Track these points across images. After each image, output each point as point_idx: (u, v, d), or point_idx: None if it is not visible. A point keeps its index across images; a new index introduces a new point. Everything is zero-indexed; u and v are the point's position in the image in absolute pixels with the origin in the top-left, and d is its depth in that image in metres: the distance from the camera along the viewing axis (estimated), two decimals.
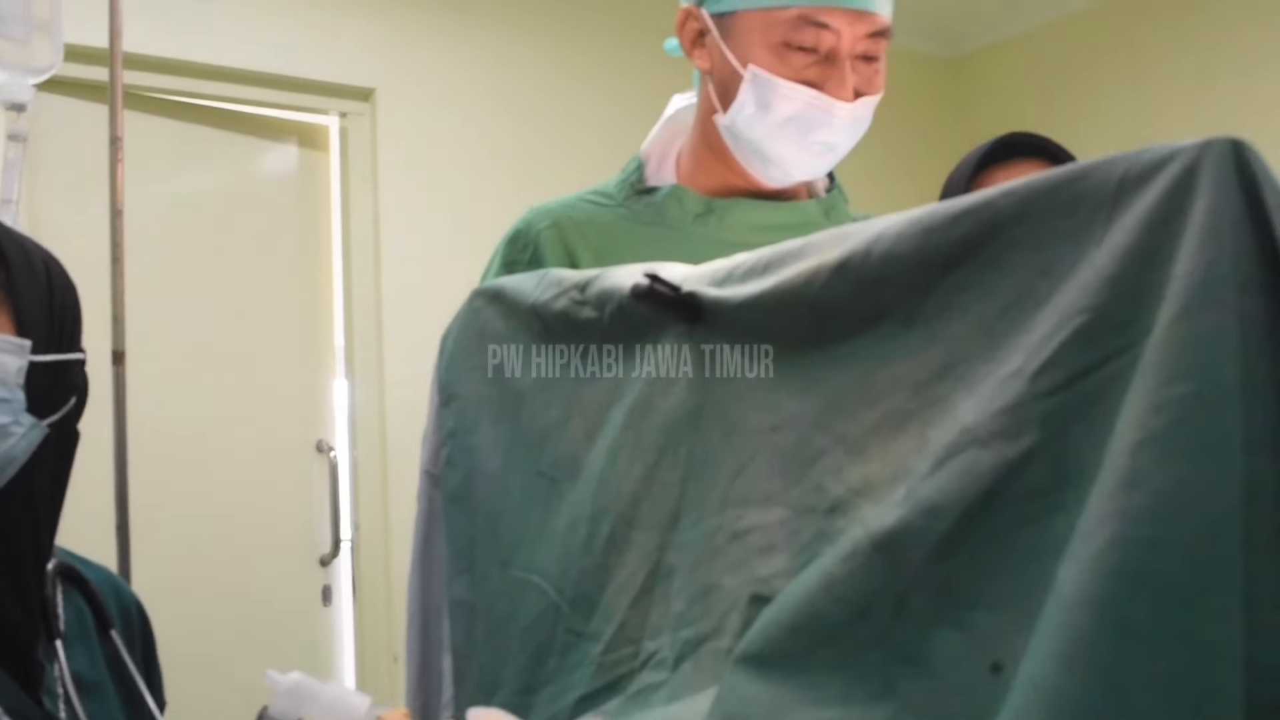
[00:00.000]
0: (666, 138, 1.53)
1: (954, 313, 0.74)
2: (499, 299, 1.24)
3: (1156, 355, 0.59)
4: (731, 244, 1.39)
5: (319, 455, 3.65)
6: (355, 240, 3.71)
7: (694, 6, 1.40)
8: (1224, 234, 0.59)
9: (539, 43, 4.01)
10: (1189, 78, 4.23)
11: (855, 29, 1.32)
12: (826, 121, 1.34)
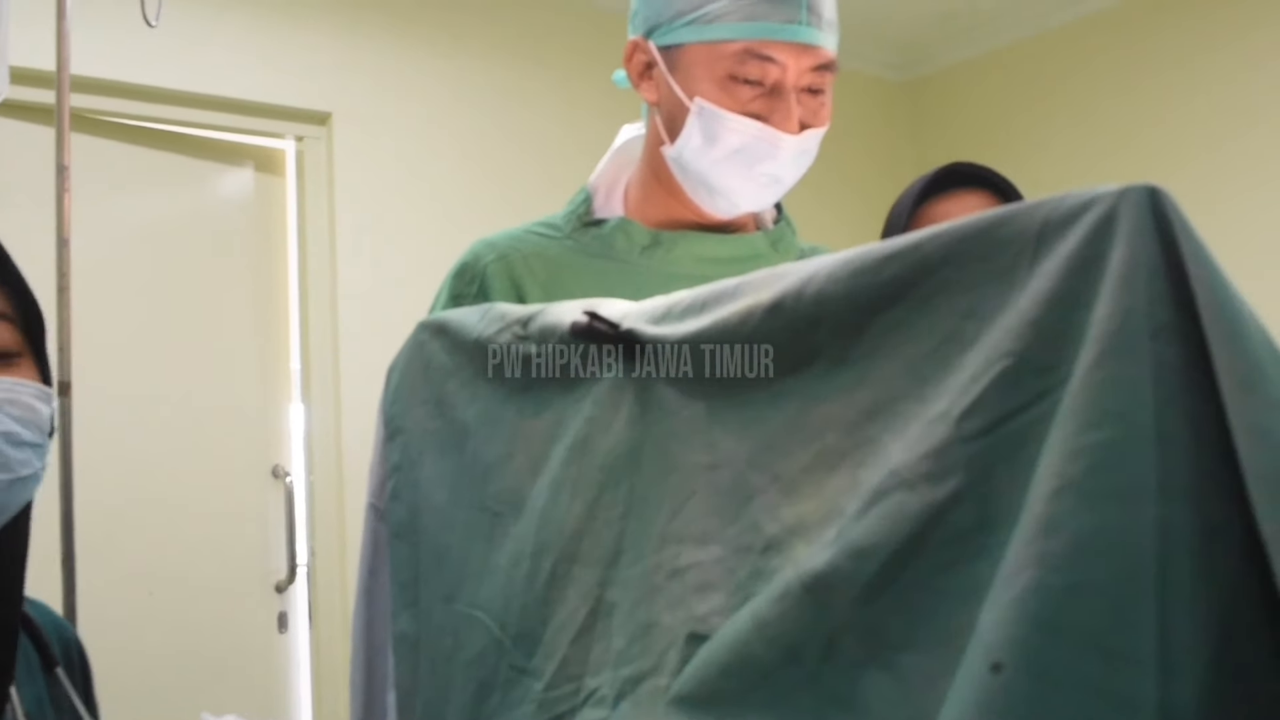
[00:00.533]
0: (615, 169, 1.54)
1: (884, 354, 0.75)
2: (444, 332, 1.24)
3: (1074, 401, 0.59)
4: (679, 276, 1.41)
5: (275, 480, 3.63)
6: (311, 264, 3.70)
7: (641, 39, 1.42)
8: (1139, 281, 0.59)
9: (496, 69, 4.02)
10: (1137, 106, 4.33)
11: (800, 62, 1.33)
12: (772, 154, 1.35)
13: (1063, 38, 4.58)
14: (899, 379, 0.73)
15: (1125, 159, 4.37)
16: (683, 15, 1.35)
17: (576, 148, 1.41)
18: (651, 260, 1.43)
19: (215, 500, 3.45)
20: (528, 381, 1.12)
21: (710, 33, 1.33)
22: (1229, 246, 3.52)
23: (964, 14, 4.63)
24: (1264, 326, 0.59)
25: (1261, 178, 4.00)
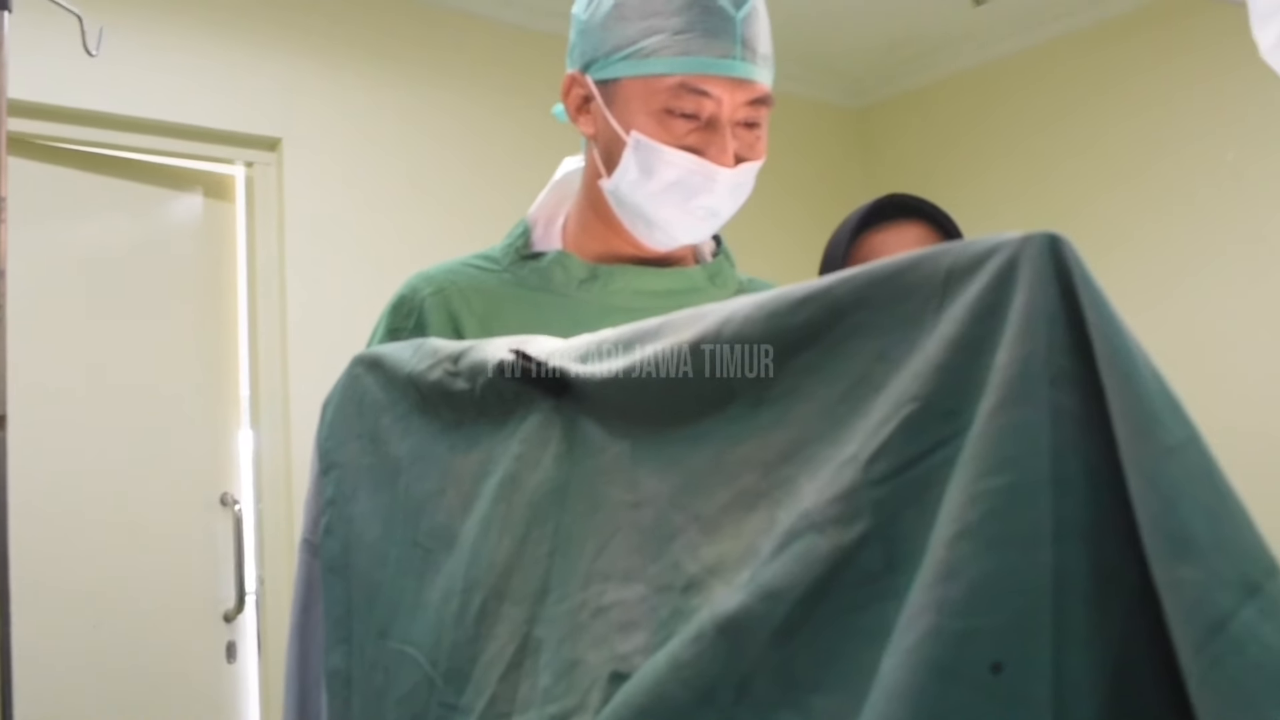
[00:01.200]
0: (554, 202, 1.54)
1: (800, 395, 0.76)
2: (378, 367, 1.24)
3: (974, 447, 0.60)
4: (616, 310, 1.42)
5: (223, 508, 3.60)
6: (261, 290, 3.68)
7: (578, 73, 1.42)
8: (1039, 328, 0.60)
9: (446, 96, 4.02)
10: (1077, 133, 4.43)
11: (735, 96, 1.35)
12: (709, 187, 1.36)
13: (1009, 67, 4.68)
14: (813, 421, 0.74)
15: (1064, 185, 4.47)
16: (619, 50, 1.36)
17: (526, 175, 1.42)
18: (589, 294, 1.43)
19: (162, 529, 3.42)
20: (459, 417, 1.12)
21: (646, 67, 1.34)
22: (1155, 266, 3.60)
23: (913, 42, 4.70)
24: (1159, 373, 0.60)
25: (1191, 203, 4.12)
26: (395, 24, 3.96)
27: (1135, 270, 4.26)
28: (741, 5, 1.35)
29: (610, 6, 1.37)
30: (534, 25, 4.13)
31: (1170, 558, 0.55)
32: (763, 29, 1.38)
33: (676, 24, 1.32)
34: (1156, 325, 4.15)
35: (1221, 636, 0.53)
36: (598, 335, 0.97)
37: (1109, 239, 4.33)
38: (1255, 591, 0.54)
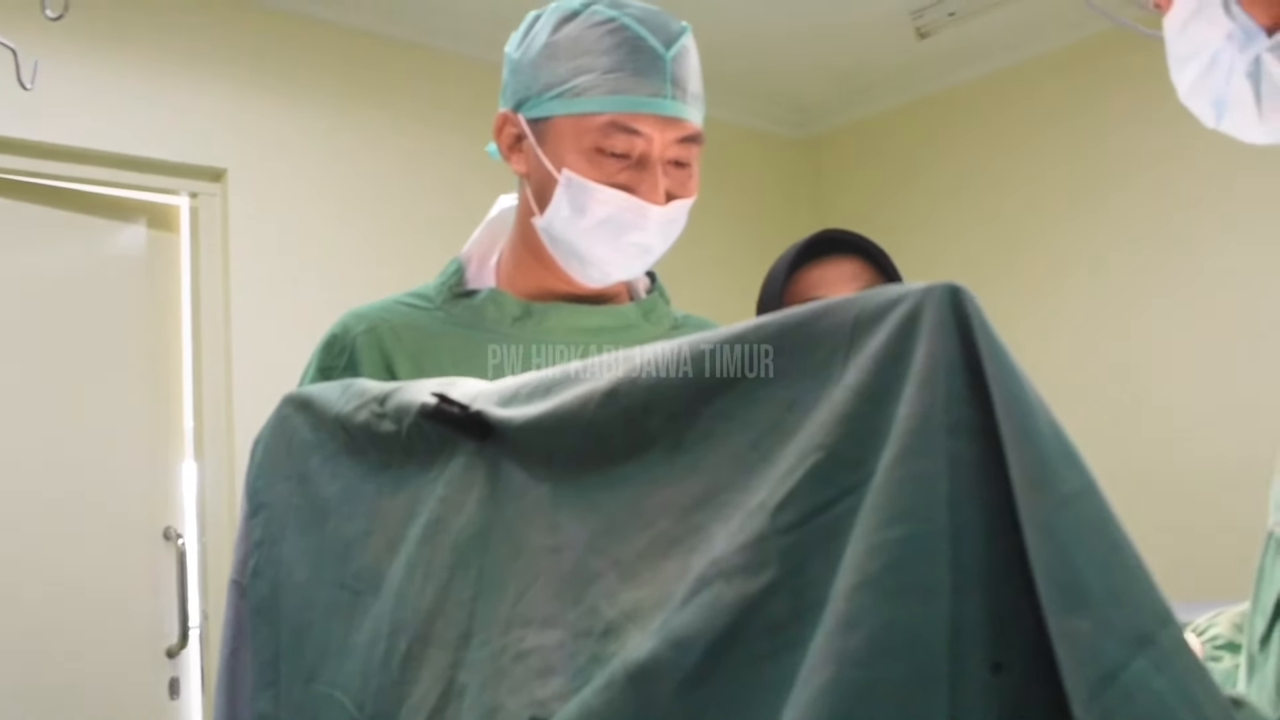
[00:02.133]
0: (488, 239, 1.54)
1: (714, 442, 0.76)
2: (307, 407, 1.23)
3: (876, 497, 0.61)
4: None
5: (166, 543, 3.56)
6: (206, 321, 3.66)
7: (510, 112, 1.43)
8: (939, 379, 0.61)
9: (394, 129, 4.02)
10: (1025, 162, 4.50)
11: (665, 135, 1.36)
12: (640, 224, 1.37)
13: (954, 99, 4.76)
14: (726, 468, 0.74)
15: (1010, 215, 4.54)
16: (550, 89, 1.37)
17: (471, 209, 1.42)
18: (523, 331, 1.43)
19: (104, 564, 3.38)
20: (387, 459, 1.12)
21: (577, 106, 1.35)
22: (1100, 294, 3.64)
23: (859, 74, 4.75)
24: (1056, 422, 0.60)
25: (1133, 231, 4.21)
26: (343, 55, 3.96)
27: (1080, 298, 4.33)
28: (671, 45, 1.37)
29: (541, 46, 1.39)
30: (483, 57, 4.14)
31: (1063, 609, 0.55)
32: (693, 68, 1.40)
33: (607, 63, 1.34)
34: (1100, 351, 4.22)
35: (1113, 688, 0.53)
36: (521, 378, 0.97)
37: (1055, 267, 4.40)
38: (1147, 643, 0.55)
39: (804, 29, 4.32)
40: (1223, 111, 1.03)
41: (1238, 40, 0.97)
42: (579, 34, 1.36)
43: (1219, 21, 0.98)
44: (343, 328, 1.45)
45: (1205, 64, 1.01)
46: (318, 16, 3.90)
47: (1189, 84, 1.05)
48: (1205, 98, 1.04)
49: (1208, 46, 1.00)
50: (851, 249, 1.73)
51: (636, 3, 1.40)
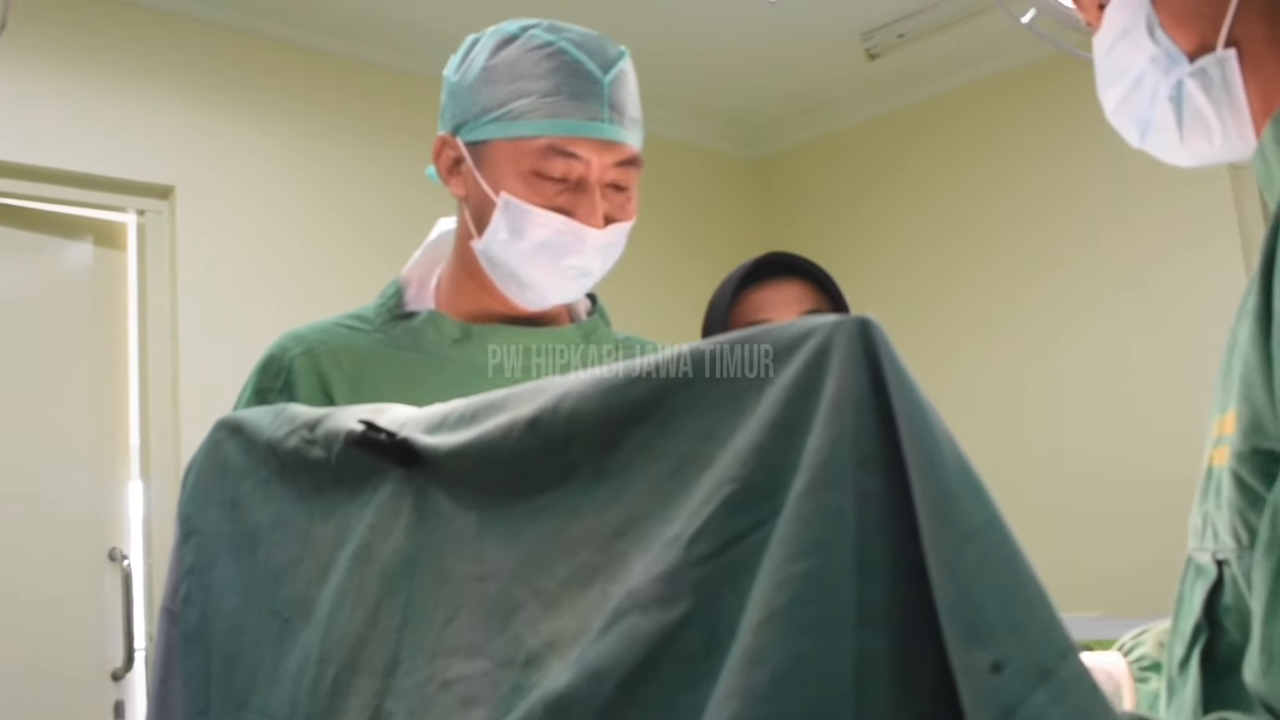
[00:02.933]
0: (428, 261, 1.55)
1: (634, 472, 0.76)
2: (240, 432, 1.23)
3: (784, 531, 0.61)
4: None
5: (112, 564, 3.53)
6: (152, 339, 3.63)
7: (449, 135, 1.44)
8: (847, 412, 0.61)
9: (343, 147, 4.02)
10: (972, 183, 4.58)
11: (603, 158, 1.37)
12: (578, 247, 1.38)
13: (903, 119, 4.83)
14: (646, 498, 0.75)
15: (958, 234, 4.62)
16: (488, 112, 1.38)
17: (419, 227, 1.42)
18: (462, 353, 1.43)
19: (48, 585, 3.34)
20: (318, 485, 1.11)
21: (515, 129, 1.36)
22: (1047, 312, 3.70)
23: (810, 94, 4.80)
24: (962, 456, 0.61)
25: (1081, 250, 4.28)
26: (291, 73, 3.94)
27: (1027, 316, 4.39)
28: (609, 69, 1.38)
29: (480, 69, 1.39)
30: (433, 74, 4.11)
31: (965, 643, 0.56)
32: (630, 93, 1.41)
33: (545, 87, 1.35)
34: (1050, 365, 4.28)
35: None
36: (448, 405, 0.97)
37: (1002, 284, 4.46)
38: (1047, 676, 0.55)
39: (756, 50, 4.36)
40: (1147, 132, 1.05)
41: (1161, 64, 0.99)
42: (517, 58, 1.37)
43: (1144, 45, 0.99)
44: (279, 349, 1.45)
45: (1130, 85, 1.03)
46: (266, 34, 3.89)
47: (1114, 104, 1.07)
48: (1130, 118, 1.06)
49: (1133, 68, 1.01)
50: (796, 272, 1.75)
51: (575, 27, 1.41)
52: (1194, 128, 1.00)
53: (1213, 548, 0.85)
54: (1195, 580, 0.89)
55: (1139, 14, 0.99)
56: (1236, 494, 0.81)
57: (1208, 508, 0.87)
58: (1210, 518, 0.86)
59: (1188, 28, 0.96)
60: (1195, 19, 0.96)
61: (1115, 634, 1.36)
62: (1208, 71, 0.96)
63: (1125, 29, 1.00)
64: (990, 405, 4.46)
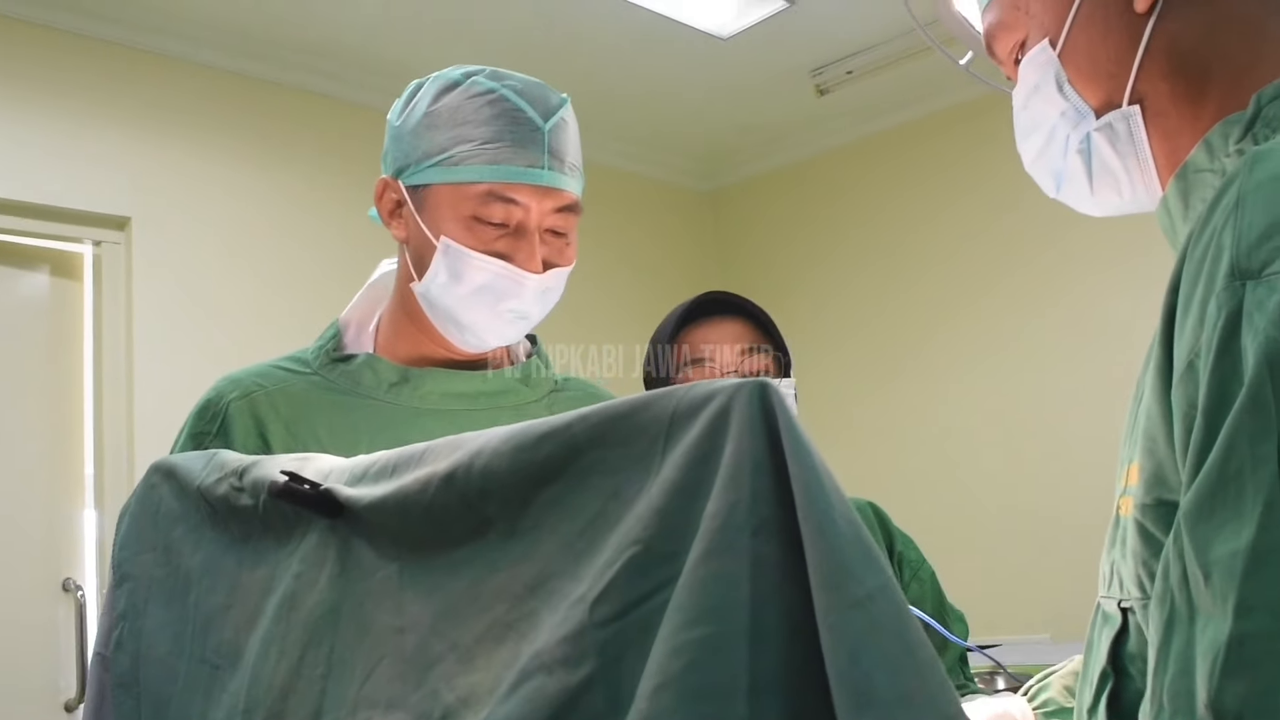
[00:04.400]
0: (368, 304, 1.55)
1: (546, 529, 0.76)
2: (173, 476, 1.22)
3: (680, 597, 0.62)
4: (427, 413, 1.43)
5: (65, 594, 3.50)
6: (107, 369, 3.61)
7: (391, 179, 1.45)
8: (744, 477, 0.62)
9: (296, 175, 4.01)
10: (916, 213, 4.70)
11: (543, 204, 1.38)
12: (516, 291, 1.39)
13: (850, 153, 4.93)
14: (556, 555, 0.75)
15: (905, 264, 4.72)
16: (429, 157, 1.39)
17: (377, 259, 1.42)
18: (399, 397, 1.44)
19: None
20: (247, 531, 1.11)
21: (455, 174, 1.37)
22: (982, 337, 3.74)
23: (761, 129, 4.88)
24: (856, 522, 0.62)
25: (1015, 277, 4.38)
26: (248, 105, 3.94)
27: (961, 342, 4.47)
28: (550, 117, 1.39)
29: (422, 115, 1.41)
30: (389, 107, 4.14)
31: (853, 711, 0.56)
32: (571, 139, 1.42)
33: (485, 134, 1.36)
34: (989, 391, 4.34)
35: None
36: (372, 456, 0.97)
37: (940, 312, 4.56)
38: None
39: (709, 85, 4.41)
40: (1061, 183, 1.07)
41: (1070, 118, 1.01)
42: (459, 104, 1.39)
43: (1054, 99, 1.01)
44: (216, 393, 1.45)
45: (1045, 138, 1.05)
46: (223, 67, 3.89)
47: (1032, 156, 1.09)
48: (1045, 169, 1.08)
49: (1046, 122, 1.04)
50: (735, 310, 1.77)
51: (517, 75, 1.42)
52: (1103, 180, 1.02)
53: (1118, 596, 0.87)
54: (1103, 627, 0.90)
55: (1049, 70, 1.01)
56: (1140, 544, 0.82)
57: (1115, 556, 0.88)
58: (1117, 566, 0.87)
59: (1094, 84, 0.99)
60: (1101, 76, 0.98)
61: (1062, 657, 1.37)
62: (1114, 126, 0.98)
63: (1037, 84, 1.02)
64: (939, 431, 4.52)
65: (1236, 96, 0.91)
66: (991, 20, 1.08)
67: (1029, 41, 1.03)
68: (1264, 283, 0.69)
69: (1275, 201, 0.72)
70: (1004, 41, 1.07)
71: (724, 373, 1.71)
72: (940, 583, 1.88)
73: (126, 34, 3.67)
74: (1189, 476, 0.71)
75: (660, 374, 1.76)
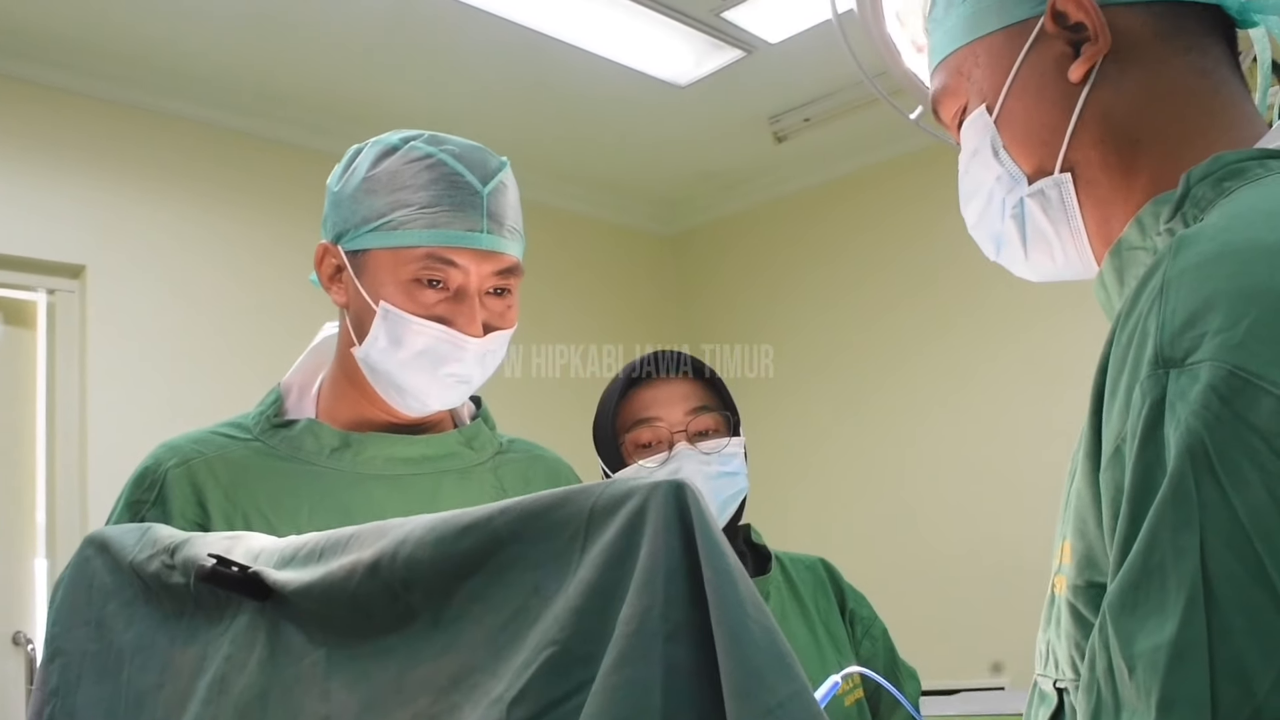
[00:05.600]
0: (310, 367, 1.54)
1: (469, 621, 0.76)
2: (106, 550, 1.20)
3: (594, 704, 0.61)
4: (368, 478, 1.41)
5: (15, 648, 3.44)
6: (60, 418, 3.57)
7: (330, 244, 1.44)
8: (658, 581, 0.62)
9: (254, 223, 3.98)
10: (870, 256, 4.76)
11: (482, 268, 1.38)
12: (457, 355, 1.39)
13: (808, 198, 4.97)
14: (480, 648, 0.74)
15: (862, 307, 4.76)
16: (369, 222, 1.38)
17: (334, 310, 1.40)
18: (341, 462, 1.42)
19: None
20: (180, 609, 1.09)
21: (395, 239, 1.36)
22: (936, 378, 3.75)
23: (721, 175, 4.93)
24: (771, 629, 0.61)
25: (969, 318, 4.44)
26: (204, 152, 3.91)
27: (918, 384, 4.52)
28: (489, 181, 1.39)
29: (360, 180, 1.40)
30: None
31: None
32: (510, 203, 1.42)
33: (424, 198, 1.36)
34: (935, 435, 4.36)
35: None
36: (302, 538, 0.96)
37: (897, 355, 4.63)
38: None
39: (669, 132, 4.44)
40: (1000, 247, 1.08)
41: (1006, 183, 1.02)
42: (397, 169, 1.38)
43: (991, 164, 1.03)
44: (154, 460, 1.43)
45: (984, 202, 1.06)
46: (177, 114, 3.86)
47: (973, 219, 1.10)
48: (985, 233, 1.09)
49: (984, 186, 1.05)
50: (682, 369, 1.76)
51: (455, 139, 1.42)
52: (1037, 245, 1.03)
53: (1054, 675, 0.86)
54: (1039, 705, 0.90)
55: (986, 136, 1.02)
56: (1073, 625, 0.82)
57: (1050, 634, 0.88)
58: (1052, 645, 0.87)
59: (1028, 150, 1.00)
60: (1034, 143, 0.99)
61: (1021, 706, 1.36)
62: (1046, 193, 0.99)
63: (976, 149, 1.04)
64: (897, 473, 4.53)
65: (1168, 170, 0.91)
66: (937, 85, 1.09)
67: (969, 106, 1.04)
68: (1187, 372, 0.69)
69: (1199, 289, 0.72)
70: (948, 106, 1.08)
71: (672, 433, 1.71)
72: (893, 635, 1.87)
73: (81, 82, 3.65)
74: (1114, 565, 0.71)
75: (608, 433, 1.76)
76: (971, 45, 1.03)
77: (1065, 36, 0.96)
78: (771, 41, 3.71)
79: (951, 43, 1.06)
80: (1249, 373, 0.66)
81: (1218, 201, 0.85)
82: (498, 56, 3.72)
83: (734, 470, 1.73)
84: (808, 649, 1.73)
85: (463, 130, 1.52)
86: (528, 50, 3.65)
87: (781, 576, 1.80)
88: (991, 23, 1.01)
